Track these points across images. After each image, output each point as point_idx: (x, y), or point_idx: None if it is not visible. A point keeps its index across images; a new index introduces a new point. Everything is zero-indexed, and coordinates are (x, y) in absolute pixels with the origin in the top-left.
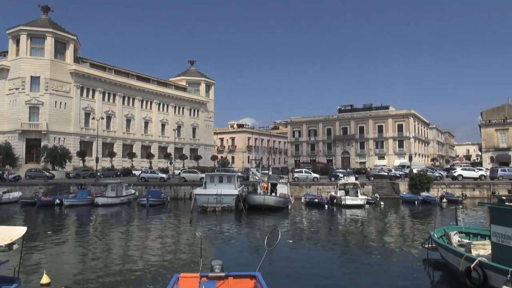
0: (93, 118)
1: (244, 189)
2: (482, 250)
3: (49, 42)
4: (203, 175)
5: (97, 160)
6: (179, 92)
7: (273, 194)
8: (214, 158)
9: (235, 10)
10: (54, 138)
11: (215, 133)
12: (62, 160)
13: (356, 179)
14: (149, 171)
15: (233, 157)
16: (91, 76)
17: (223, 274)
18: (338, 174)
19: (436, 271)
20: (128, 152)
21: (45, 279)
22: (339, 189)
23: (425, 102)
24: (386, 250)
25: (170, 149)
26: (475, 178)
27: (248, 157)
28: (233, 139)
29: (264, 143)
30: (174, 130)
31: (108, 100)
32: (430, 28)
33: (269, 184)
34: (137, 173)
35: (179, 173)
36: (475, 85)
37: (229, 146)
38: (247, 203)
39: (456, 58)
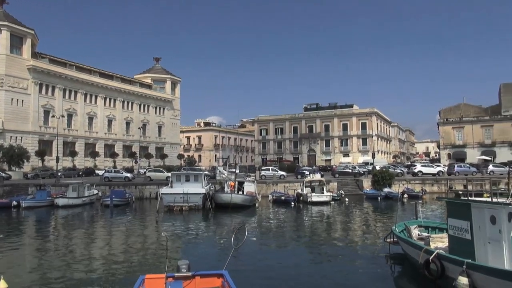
0: (53, 116)
1: (211, 188)
2: (440, 242)
3: (4, 36)
4: (169, 174)
5: (57, 159)
6: (144, 89)
7: (240, 192)
8: (180, 156)
9: (201, 8)
10: (11, 137)
11: (182, 132)
12: (19, 160)
13: (322, 176)
14: (113, 171)
15: (200, 156)
16: (50, 72)
17: (189, 273)
18: (304, 171)
19: (398, 264)
20: (91, 151)
21: (1, 285)
22: (305, 187)
23: (387, 101)
24: (351, 245)
25: (135, 148)
26: (433, 174)
27: (215, 155)
28: (199, 137)
29: (231, 142)
30: (139, 128)
31: (69, 97)
32: (390, 28)
33: (236, 182)
34: (100, 172)
35: (145, 172)
36: (434, 85)
37: (195, 145)
38: (214, 202)
39: (416, 57)
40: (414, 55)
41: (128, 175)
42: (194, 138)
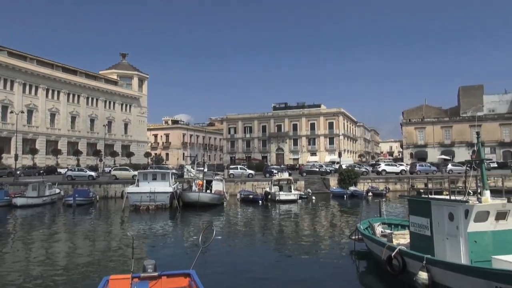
0: (12, 112)
1: (179, 187)
2: (402, 239)
3: None
4: (136, 172)
5: (16, 157)
6: (109, 86)
7: (208, 191)
8: (147, 155)
9: (169, 4)
10: None
11: (149, 129)
12: None
13: (290, 175)
14: (76, 169)
15: (167, 154)
16: (9, 65)
17: (156, 273)
18: (273, 170)
19: (362, 261)
20: (53, 148)
21: None
22: (273, 185)
23: (353, 101)
24: (317, 242)
25: (100, 146)
26: (396, 173)
27: (183, 153)
28: (167, 135)
29: (199, 140)
30: (104, 125)
31: (30, 92)
32: (355, 28)
33: (204, 181)
34: (63, 171)
35: (110, 170)
36: (398, 86)
37: (163, 143)
38: (181, 201)
39: (381, 58)
40: (380, 55)
41: (93, 173)
42: (161, 136)
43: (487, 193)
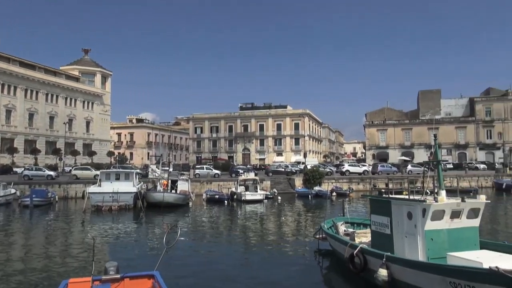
0: None
1: (143, 186)
2: (364, 238)
3: None
4: (98, 172)
5: None
6: (70, 82)
7: (173, 191)
8: (110, 154)
9: (138, 2)
10: None
11: (112, 128)
12: None
13: (256, 175)
14: (34, 168)
15: (131, 153)
16: None
17: (118, 276)
18: (239, 170)
19: (326, 259)
20: (8, 147)
21: None
22: (239, 185)
23: (319, 103)
24: (282, 242)
25: (60, 144)
26: (359, 173)
27: (148, 153)
28: (131, 134)
29: (165, 139)
30: (64, 123)
31: None
32: (322, 33)
33: (169, 181)
34: (19, 170)
35: (70, 170)
36: (362, 88)
37: (127, 142)
38: (146, 201)
39: (346, 60)
40: (344, 58)
41: (51, 173)
42: (125, 135)
43: (443, 193)
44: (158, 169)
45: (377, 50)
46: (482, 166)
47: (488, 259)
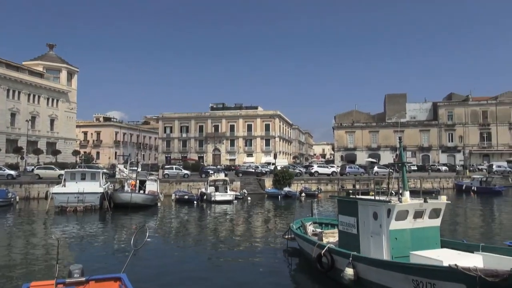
0: None
1: (110, 187)
2: (331, 237)
3: None
4: (62, 171)
5: None
6: (34, 78)
7: (141, 191)
8: (76, 153)
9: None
10: None
11: (78, 126)
12: None
13: (226, 175)
14: None
15: (98, 153)
16: None
17: (83, 278)
18: (209, 170)
19: (294, 259)
20: None
21: None
22: (209, 186)
23: (289, 104)
24: (252, 242)
25: (22, 143)
26: (328, 174)
27: (116, 152)
28: (98, 133)
29: (133, 139)
30: (27, 121)
31: None
32: (291, 34)
33: (137, 181)
34: None
35: (33, 169)
36: (331, 91)
37: (94, 141)
38: (113, 201)
39: (316, 64)
40: (315, 61)
41: (12, 172)
42: (92, 133)
43: (407, 193)
44: (126, 169)
45: (346, 54)
46: (444, 168)
47: (448, 257)
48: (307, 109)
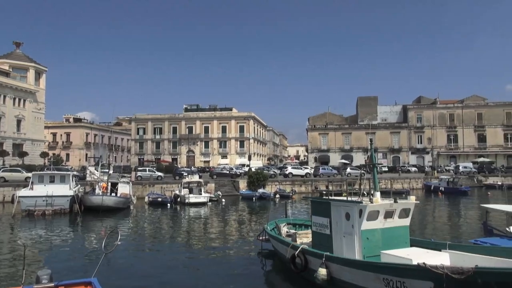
0: None
1: (81, 189)
2: (305, 238)
3: None
4: (30, 174)
5: None
6: None
7: (113, 194)
8: (44, 155)
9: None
10: None
11: (47, 127)
12: None
13: (200, 177)
14: None
15: (68, 155)
16: None
17: (51, 284)
18: (183, 172)
19: (268, 260)
20: None
21: None
22: (183, 188)
23: (263, 106)
24: (226, 244)
25: None
26: (302, 176)
27: (86, 154)
28: (68, 134)
29: (105, 140)
30: None
31: None
32: (265, 36)
33: (109, 183)
34: None
35: None
36: (305, 93)
37: (63, 142)
38: (83, 205)
39: (291, 65)
40: (288, 62)
41: None
42: (61, 135)
43: (378, 194)
44: (97, 171)
45: (320, 56)
46: (413, 169)
47: (417, 256)
48: (281, 111)
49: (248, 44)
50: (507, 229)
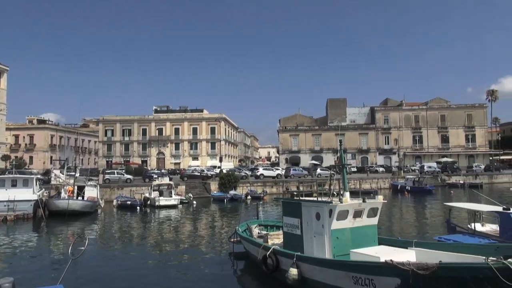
0: None
1: (45, 193)
2: (276, 239)
3: None
4: None
5: None
6: None
7: (80, 198)
8: (6, 158)
9: None
10: None
11: (8, 129)
12: None
13: (171, 179)
14: None
15: (31, 157)
16: None
17: None
18: (153, 175)
19: (240, 262)
20: None
21: None
22: (153, 190)
23: (234, 107)
24: (197, 247)
25: None
26: (273, 177)
27: (51, 157)
28: (31, 136)
29: (71, 142)
30: None
31: None
32: (237, 37)
33: (76, 187)
34: None
35: None
36: (276, 94)
37: (26, 145)
38: (48, 209)
39: (261, 67)
40: (259, 64)
41: None
42: (24, 137)
43: (347, 194)
44: (63, 174)
45: (290, 59)
46: (381, 169)
47: (385, 253)
48: (252, 113)
49: (218, 45)
50: (469, 226)
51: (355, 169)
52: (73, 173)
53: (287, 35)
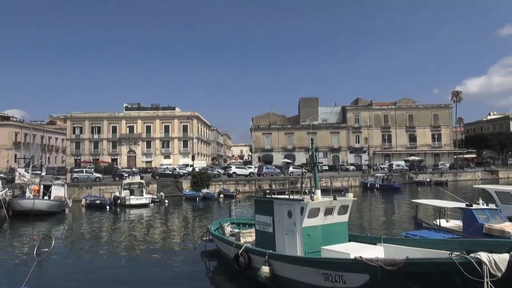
0: None
1: (8, 193)
2: (249, 237)
3: None
4: None
5: None
6: None
7: (46, 197)
8: None
9: None
10: None
11: None
12: None
13: (142, 178)
14: None
15: None
16: None
17: None
18: (123, 173)
19: (212, 260)
20: None
21: None
22: (124, 189)
23: (207, 105)
24: (169, 245)
25: None
26: (246, 175)
27: (15, 155)
28: None
29: (37, 140)
30: None
31: None
32: (212, 35)
33: (42, 186)
34: None
35: None
36: (249, 93)
37: None
38: (11, 209)
39: (233, 67)
40: (232, 63)
41: None
42: None
43: (319, 192)
44: (28, 173)
45: (263, 58)
46: (351, 167)
47: (354, 250)
48: (225, 111)
49: (191, 43)
50: (435, 222)
51: (326, 168)
52: (39, 172)
53: (260, 35)
